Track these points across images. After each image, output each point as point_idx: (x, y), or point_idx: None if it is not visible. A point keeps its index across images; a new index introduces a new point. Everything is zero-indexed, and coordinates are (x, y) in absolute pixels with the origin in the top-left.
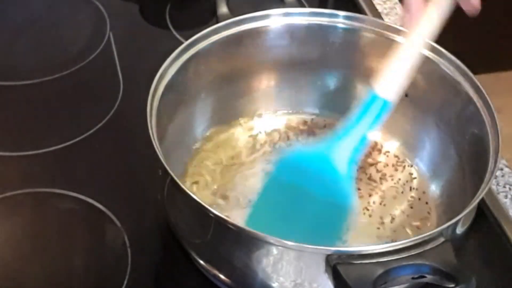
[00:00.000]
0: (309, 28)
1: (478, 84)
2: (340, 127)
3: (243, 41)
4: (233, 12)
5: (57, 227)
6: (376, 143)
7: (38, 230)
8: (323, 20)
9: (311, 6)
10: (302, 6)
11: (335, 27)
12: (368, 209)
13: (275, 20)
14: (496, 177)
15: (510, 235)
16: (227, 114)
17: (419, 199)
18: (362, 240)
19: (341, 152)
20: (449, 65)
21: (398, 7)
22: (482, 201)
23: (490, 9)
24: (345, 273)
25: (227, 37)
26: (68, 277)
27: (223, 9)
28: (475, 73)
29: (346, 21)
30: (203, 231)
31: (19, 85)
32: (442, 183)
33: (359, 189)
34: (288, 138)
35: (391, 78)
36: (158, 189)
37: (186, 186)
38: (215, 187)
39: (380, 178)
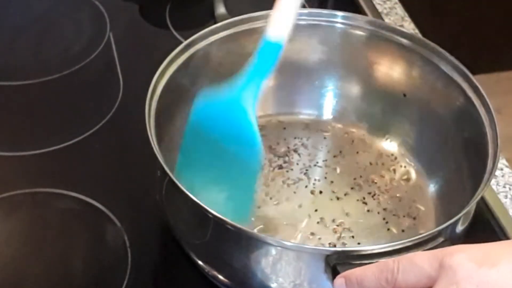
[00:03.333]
0: (308, 28)
1: (477, 84)
2: (242, 73)
3: (241, 41)
4: (231, 13)
5: (57, 227)
6: (375, 143)
7: (38, 230)
8: (322, 20)
9: (310, 6)
10: (301, 6)
11: (334, 27)
12: (366, 209)
13: None
14: (496, 177)
15: (510, 235)
16: None
17: (418, 199)
18: (361, 240)
19: (245, 97)
20: (448, 65)
21: (398, 7)
22: (482, 201)
23: (489, 9)
24: None
25: (225, 37)
26: (68, 277)
27: (220, 9)
28: (474, 73)
29: (345, 21)
30: (202, 231)
31: (19, 85)
32: (441, 183)
33: (358, 189)
34: (285, 138)
35: (277, 21)
36: (157, 190)
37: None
38: None
39: (379, 178)
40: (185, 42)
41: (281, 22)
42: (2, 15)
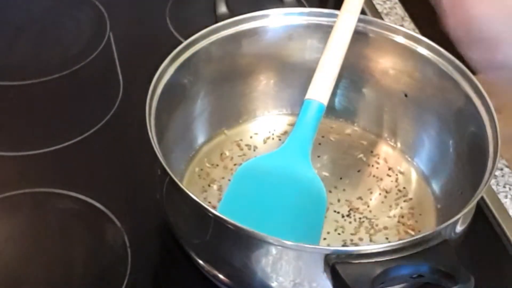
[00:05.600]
0: (309, 28)
1: (478, 84)
2: (289, 136)
3: (242, 41)
4: (232, 12)
5: (57, 227)
6: (375, 143)
7: (38, 230)
8: (323, 20)
9: (311, 6)
10: (302, 5)
11: None
12: (366, 209)
13: (274, 20)
14: (496, 177)
15: (510, 235)
16: (226, 113)
17: (418, 198)
18: (360, 239)
19: (297, 157)
20: (448, 65)
21: (398, 7)
22: (482, 200)
23: None
24: (343, 273)
25: (226, 36)
26: (68, 277)
27: (222, 8)
28: (474, 73)
29: None
30: (202, 231)
31: (19, 85)
32: (441, 183)
33: (357, 188)
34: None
35: (319, 84)
36: (157, 189)
37: (184, 185)
38: (214, 187)
39: (379, 178)
40: (185, 42)
41: (323, 85)
42: (2, 15)
